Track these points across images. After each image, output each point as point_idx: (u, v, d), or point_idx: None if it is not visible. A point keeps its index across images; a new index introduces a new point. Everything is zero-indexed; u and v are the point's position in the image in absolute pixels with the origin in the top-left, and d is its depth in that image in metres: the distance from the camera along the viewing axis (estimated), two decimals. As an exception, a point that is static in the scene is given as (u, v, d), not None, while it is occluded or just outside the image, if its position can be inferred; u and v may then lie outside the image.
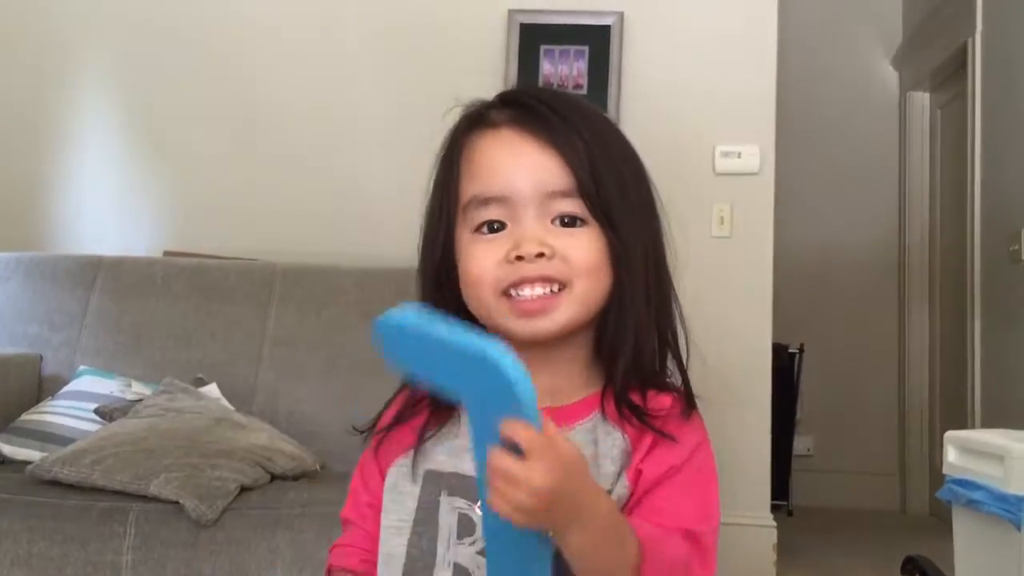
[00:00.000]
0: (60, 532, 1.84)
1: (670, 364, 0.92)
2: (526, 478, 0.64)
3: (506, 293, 0.82)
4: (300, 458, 2.15)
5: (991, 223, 3.60)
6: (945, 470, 2.00)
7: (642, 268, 0.86)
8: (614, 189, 0.85)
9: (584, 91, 3.15)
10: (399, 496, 0.85)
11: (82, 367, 2.48)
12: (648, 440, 0.81)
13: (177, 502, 1.83)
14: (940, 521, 3.35)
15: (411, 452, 0.85)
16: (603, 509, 0.72)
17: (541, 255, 0.81)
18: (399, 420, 0.88)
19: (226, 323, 2.58)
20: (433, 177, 0.91)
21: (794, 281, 4.14)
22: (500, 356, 0.66)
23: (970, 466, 1.90)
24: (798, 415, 4.28)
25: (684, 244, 3.38)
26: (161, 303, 2.60)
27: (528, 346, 0.81)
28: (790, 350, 4.14)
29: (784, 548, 3.08)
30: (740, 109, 3.15)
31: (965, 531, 1.95)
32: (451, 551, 0.81)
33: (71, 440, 2.10)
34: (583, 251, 0.83)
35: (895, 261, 4.62)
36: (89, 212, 3.25)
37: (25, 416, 2.32)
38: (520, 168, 0.84)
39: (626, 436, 0.82)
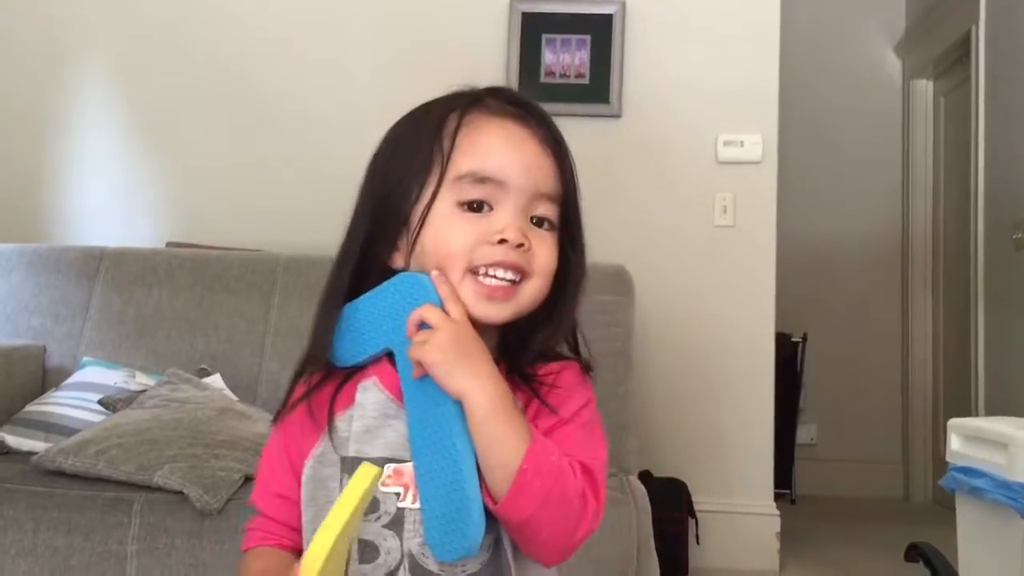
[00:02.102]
0: (65, 522, 1.84)
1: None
2: (433, 336, 0.82)
3: (473, 271, 0.87)
4: (304, 448, 2.16)
5: (994, 211, 3.60)
6: (948, 458, 2.00)
7: (582, 282, 0.94)
8: (577, 209, 0.94)
9: (586, 80, 3.15)
10: (320, 481, 0.88)
11: (86, 358, 2.49)
12: (535, 405, 0.87)
13: (181, 492, 1.83)
14: (944, 509, 3.35)
15: (324, 439, 0.89)
16: (498, 377, 0.83)
17: (521, 245, 0.87)
18: (304, 399, 0.91)
19: (229, 314, 2.58)
20: (408, 134, 0.94)
21: (797, 270, 4.14)
22: (413, 273, 0.87)
23: (973, 454, 1.90)
24: (801, 404, 4.28)
25: (687, 233, 3.44)
26: (164, 294, 2.61)
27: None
28: (793, 339, 4.14)
29: (787, 536, 3.09)
30: (743, 98, 3.14)
31: (968, 519, 1.95)
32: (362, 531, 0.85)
33: (75, 431, 2.11)
34: (549, 254, 0.90)
35: (898, 249, 4.61)
36: (92, 204, 3.25)
37: (29, 407, 2.33)
38: (523, 162, 0.89)
39: (519, 400, 0.86)
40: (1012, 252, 3.40)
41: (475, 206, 0.88)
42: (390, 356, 0.88)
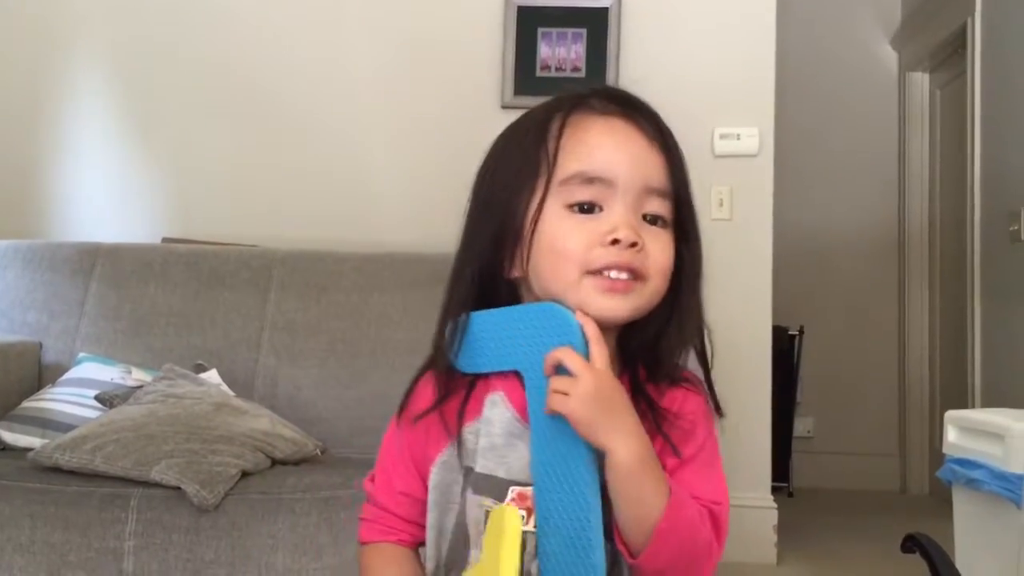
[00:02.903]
0: (62, 518, 1.84)
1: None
2: (573, 384, 0.79)
3: (590, 272, 0.85)
4: (301, 443, 2.16)
5: (991, 203, 3.60)
6: (945, 450, 2.00)
7: (700, 282, 0.93)
8: (691, 203, 0.92)
9: (582, 74, 3.14)
10: (447, 486, 0.89)
11: (82, 354, 2.48)
12: (659, 440, 0.85)
13: (178, 488, 1.83)
14: (941, 501, 3.36)
15: (452, 448, 0.89)
16: (641, 432, 0.81)
17: (634, 244, 0.85)
18: (430, 411, 0.91)
19: (226, 309, 2.58)
20: (514, 143, 0.91)
21: (794, 263, 4.14)
22: (558, 307, 0.85)
23: (970, 445, 1.90)
24: (798, 397, 4.28)
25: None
26: (160, 290, 2.60)
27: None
28: (790, 332, 4.14)
29: (785, 529, 3.09)
30: (739, 91, 3.14)
31: (965, 510, 1.96)
32: (478, 542, 0.85)
33: (72, 427, 2.11)
34: (664, 252, 0.88)
35: (895, 242, 4.61)
36: (87, 200, 3.25)
37: (25, 403, 2.32)
38: (630, 157, 0.87)
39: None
40: (1008, 244, 3.40)
41: (585, 208, 0.86)
42: (517, 374, 0.87)
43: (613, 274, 0.85)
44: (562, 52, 3.16)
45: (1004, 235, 3.43)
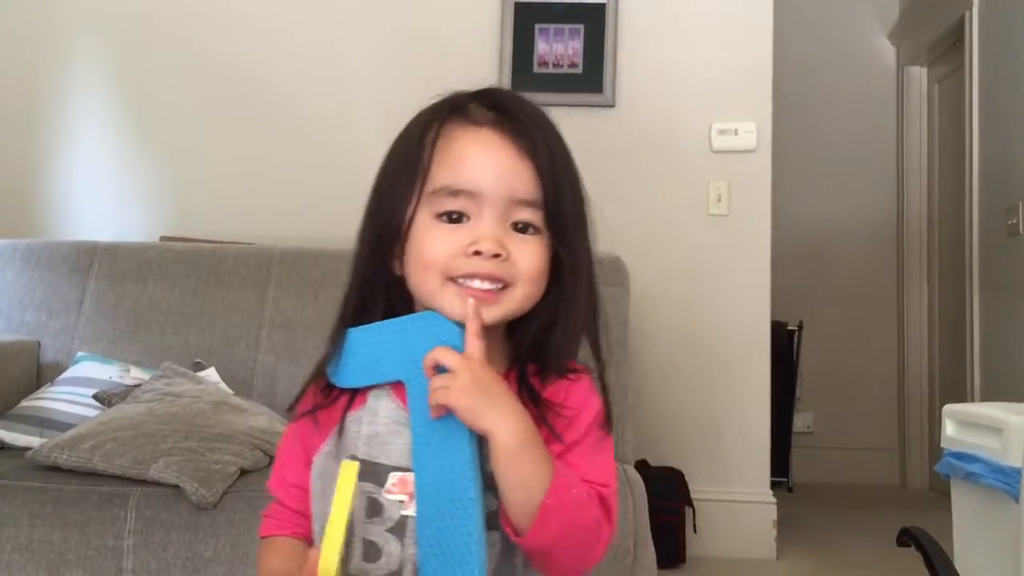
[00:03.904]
0: (61, 517, 1.84)
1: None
2: (454, 380, 0.82)
3: (452, 279, 0.88)
4: (300, 441, 2.15)
5: (989, 197, 3.60)
6: (943, 443, 2.00)
7: (586, 280, 0.94)
8: (570, 205, 0.92)
9: (579, 70, 3.14)
10: (328, 476, 0.89)
11: (80, 353, 2.48)
12: (544, 430, 0.87)
13: (177, 486, 1.83)
14: (940, 495, 3.36)
15: (334, 437, 0.92)
16: (522, 415, 0.83)
17: (497, 255, 0.88)
18: (317, 408, 0.94)
19: (224, 307, 2.57)
20: (398, 148, 0.96)
21: (792, 258, 4.14)
22: (434, 313, 0.88)
23: (968, 439, 1.90)
24: (798, 392, 4.29)
25: (682, 223, 3.44)
26: (158, 288, 2.60)
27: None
28: (789, 327, 4.14)
29: (784, 524, 3.09)
30: (737, 86, 3.14)
31: (963, 504, 1.96)
32: (362, 528, 0.87)
33: (70, 426, 2.10)
34: (533, 259, 0.90)
35: (893, 236, 4.61)
36: (85, 198, 3.25)
37: (24, 402, 2.32)
38: (496, 170, 0.89)
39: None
40: (1006, 238, 3.40)
41: (453, 217, 0.89)
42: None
43: (476, 283, 0.88)
44: (559, 48, 3.16)
45: (1002, 229, 3.43)
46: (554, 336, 0.92)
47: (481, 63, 3.14)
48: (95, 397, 2.25)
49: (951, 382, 4.02)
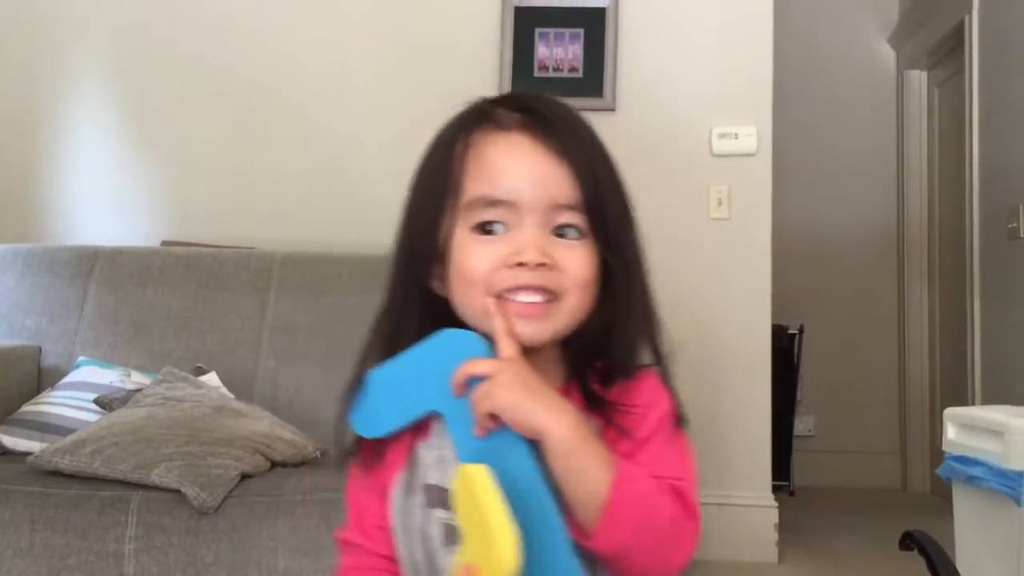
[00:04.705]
0: (62, 522, 1.84)
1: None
2: (495, 383, 0.78)
3: (499, 295, 0.83)
4: (300, 445, 2.15)
5: (989, 200, 3.60)
6: (945, 447, 2.00)
7: (639, 281, 0.90)
8: (613, 206, 0.87)
9: (580, 74, 3.14)
10: (407, 511, 0.86)
11: (81, 358, 2.48)
12: (611, 431, 0.83)
13: (178, 490, 1.83)
14: (941, 499, 3.36)
15: (406, 468, 0.86)
16: (571, 408, 0.79)
17: (542, 264, 0.82)
18: (381, 450, 0.88)
19: (225, 312, 2.57)
20: (426, 164, 0.91)
21: (793, 262, 4.14)
22: (451, 330, 0.83)
23: (970, 443, 1.90)
24: (799, 396, 4.28)
25: (682, 226, 3.44)
26: (159, 293, 2.60)
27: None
28: (790, 331, 4.14)
29: (786, 528, 3.09)
30: (737, 90, 3.14)
31: (965, 507, 1.95)
32: (443, 558, 0.82)
33: (71, 431, 2.10)
34: (580, 266, 0.84)
35: (894, 240, 4.61)
36: (86, 203, 3.25)
37: (25, 407, 2.32)
38: (531, 176, 0.84)
39: (596, 425, 0.83)
40: (1007, 242, 3.40)
41: (490, 229, 0.84)
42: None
43: (522, 296, 0.83)
44: (559, 52, 3.16)
45: (1003, 232, 3.43)
46: (613, 344, 0.87)
47: (481, 68, 3.14)
48: (96, 402, 2.25)
49: (952, 385, 4.02)
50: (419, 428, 0.86)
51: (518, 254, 0.82)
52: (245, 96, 3.21)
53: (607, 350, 0.87)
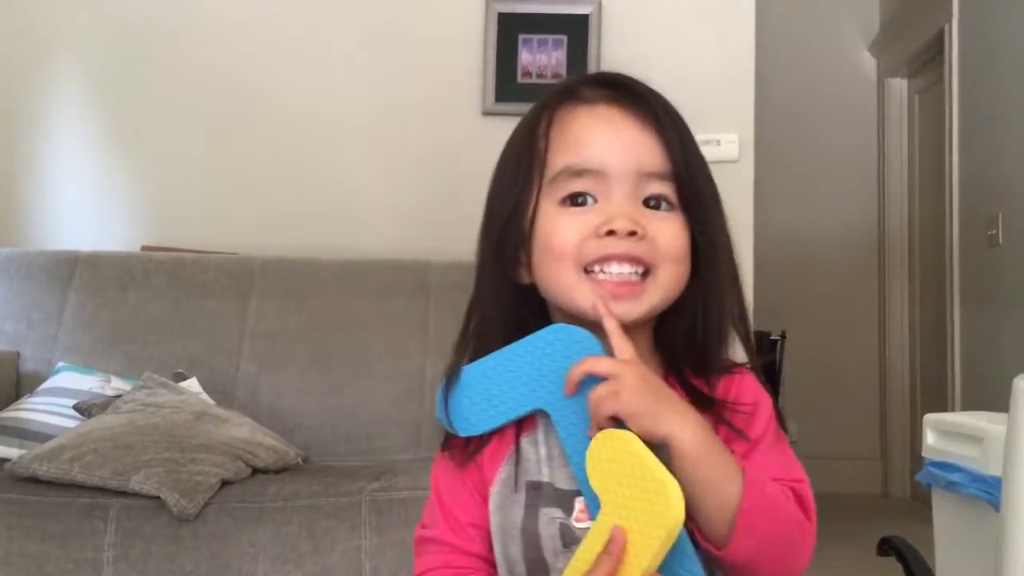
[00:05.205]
0: (40, 529, 1.82)
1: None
2: (620, 384, 0.74)
3: (588, 270, 0.81)
4: (282, 451, 2.14)
5: (969, 208, 3.63)
6: (924, 453, 2.01)
7: (727, 262, 0.87)
8: (703, 180, 0.86)
9: (563, 80, 3.15)
10: (507, 508, 0.82)
11: (60, 363, 2.46)
12: (723, 430, 0.81)
13: (158, 497, 1.81)
14: (921, 504, 3.38)
15: (510, 463, 0.83)
16: (696, 413, 0.75)
17: (633, 233, 0.80)
18: (484, 444, 0.84)
19: (206, 317, 2.56)
20: (510, 146, 0.89)
21: (775, 268, 4.15)
22: (561, 325, 0.80)
23: (949, 448, 1.91)
24: (780, 401, 4.28)
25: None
26: (139, 298, 2.58)
27: (598, 329, 0.80)
28: (772, 337, 4.15)
29: (767, 534, 3.09)
30: (719, 97, 3.15)
31: (944, 513, 1.96)
32: (559, 559, 0.79)
33: (50, 437, 2.08)
34: (672, 237, 0.82)
35: (875, 247, 4.64)
36: (66, 208, 3.22)
37: (3, 413, 2.30)
38: (619, 143, 0.82)
39: (706, 421, 0.80)
40: (986, 248, 3.43)
41: (579, 200, 0.82)
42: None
43: (616, 267, 0.80)
44: (543, 59, 3.16)
45: (982, 239, 3.45)
46: (702, 329, 0.83)
47: (465, 74, 3.14)
48: (75, 408, 2.23)
49: (932, 391, 4.05)
50: (520, 424, 0.83)
51: (608, 222, 0.80)
52: (227, 100, 3.20)
53: (694, 341, 0.84)
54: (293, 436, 2.31)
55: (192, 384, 2.38)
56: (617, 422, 0.75)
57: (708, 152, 3.30)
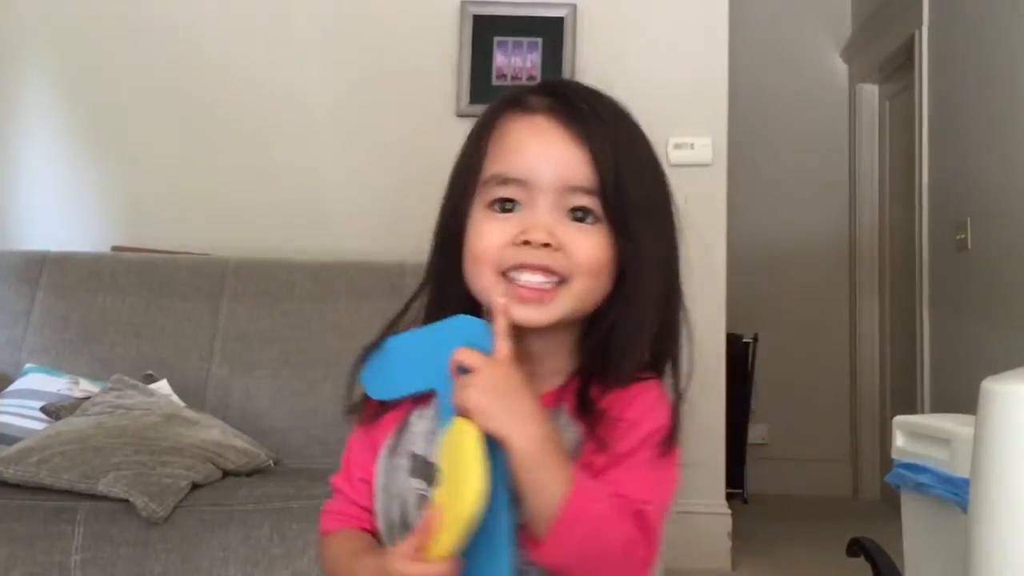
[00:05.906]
0: (6, 533, 1.80)
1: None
2: (472, 379, 0.78)
3: (504, 274, 0.85)
4: (253, 454, 2.13)
5: (938, 212, 3.67)
6: (894, 454, 2.02)
7: (654, 277, 0.88)
8: (635, 194, 0.87)
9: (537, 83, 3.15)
10: (391, 472, 0.89)
11: (28, 365, 2.43)
12: (593, 442, 0.83)
13: (127, 500, 1.80)
14: (891, 506, 3.40)
15: (396, 433, 0.89)
16: (540, 419, 0.78)
17: (547, 245, 0.83)
18: (383, 411, 0.91)
19: (176, 319, 2.54)
20: (462, 148, 0.93)
21: (747, 271, 4.18)
22: (463, 316, 0.84)
23: (918, 450, 1.92)
24: (753, 404, 4.32)
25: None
26: (109, 299, 2.56)
27: (516, 330, 0.83)
28: (744, 340, 4.18)
29: (739, 535, 3.12)
30: (693, 101, 3.17)
31: (913, 514, 1.98)
32: (416, 520, 0.84)
33: (17, 439, 2.06)
34: (589, 249, 0.84)
35: (846, 251, 4.68)
36: (35, 208, 3.19)
37: (-31, 416, 2.27)
38: (546, 156, 0.85)
39: (579, 431, 0.83)
40: (955, 253, 3.47)
41: (507, 206, 0.85)
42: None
43: (525, 275, 0.83)
44: (517, 61, 3.17)
45: (951, 244, 3.49)
46: (614, 341, 0.85)
47: (439, 75, 3.14)
48: (43, 410, 2.20)
49: (902, 394, 4.08)
50: (420, 400, 0.89)
51: (525, 232, 0.83)
52: (197, 101, 3.18)
53: (607, 351, 0.86)
54: (265, 439, 2.30)
55: (162, 386, 2.36)
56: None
57: (682, 155, 3.31)
